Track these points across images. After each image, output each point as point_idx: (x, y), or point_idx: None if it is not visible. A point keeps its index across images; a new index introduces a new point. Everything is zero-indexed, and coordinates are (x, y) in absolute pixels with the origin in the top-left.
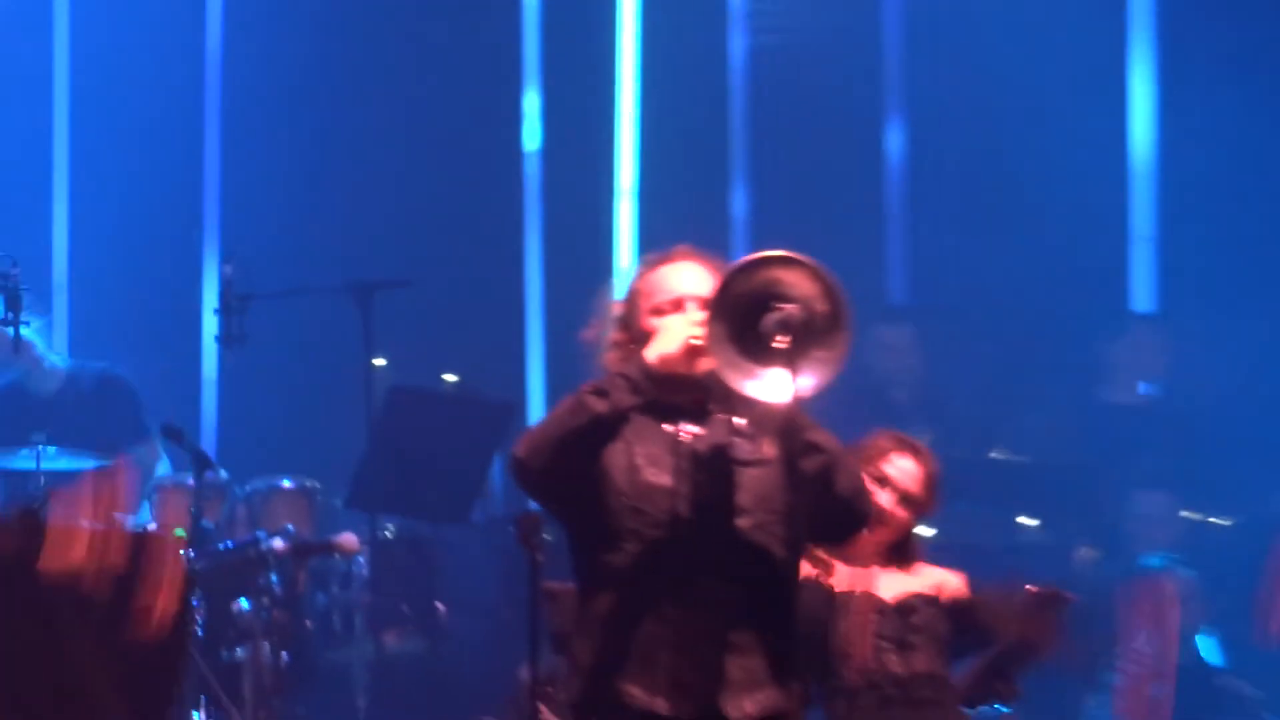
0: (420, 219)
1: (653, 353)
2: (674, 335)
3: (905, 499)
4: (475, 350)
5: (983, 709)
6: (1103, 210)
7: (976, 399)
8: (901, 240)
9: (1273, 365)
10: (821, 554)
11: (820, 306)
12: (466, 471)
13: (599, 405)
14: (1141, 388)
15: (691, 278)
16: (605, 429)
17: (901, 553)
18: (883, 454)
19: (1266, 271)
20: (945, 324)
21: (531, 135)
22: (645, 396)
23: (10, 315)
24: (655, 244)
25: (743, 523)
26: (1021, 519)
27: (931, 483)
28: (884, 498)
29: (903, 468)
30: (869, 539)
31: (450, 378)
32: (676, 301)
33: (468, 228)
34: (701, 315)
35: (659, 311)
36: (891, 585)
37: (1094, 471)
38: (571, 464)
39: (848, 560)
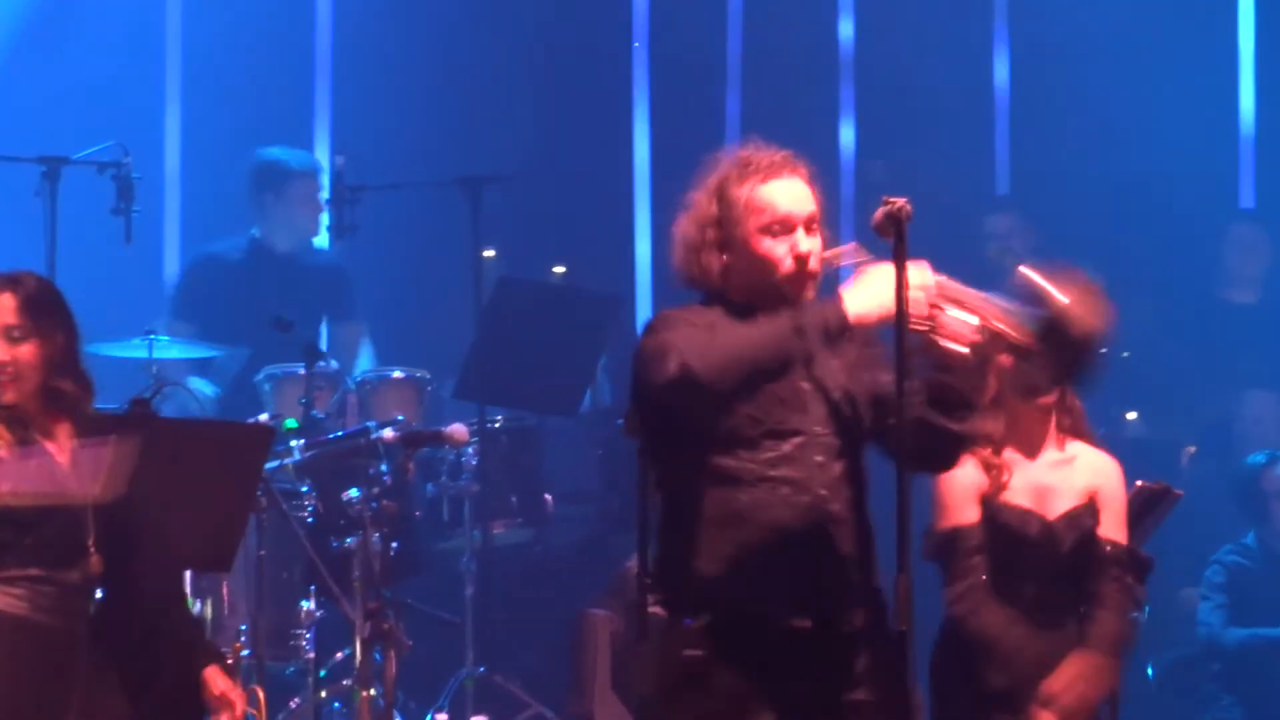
0: (530, 111)
1: (857, 305)
2: (880, 292)
3: None
4: (583, 242)
5: None
6: (1207, 112)
7: None
8: (1008, 140)
9: None
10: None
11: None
12: (575, 363)
13: (796, 347)
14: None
15: (800, 197)
16: (791, 366)
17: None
18: None
19: None
20: (1050, 218)
21: (639, 27)
22: (835, 345)
23: (123, 205)
24: (762, 134)
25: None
26: (1128, 415)
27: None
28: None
29: None
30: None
31: (559, 270)
32: (786, 222)
33: (577, 120)
34: (816, 243)
35: (768, 231)
36: (1054, 493)
37: (1200, 368)
38: (750, 390)
39: (1013, 442)
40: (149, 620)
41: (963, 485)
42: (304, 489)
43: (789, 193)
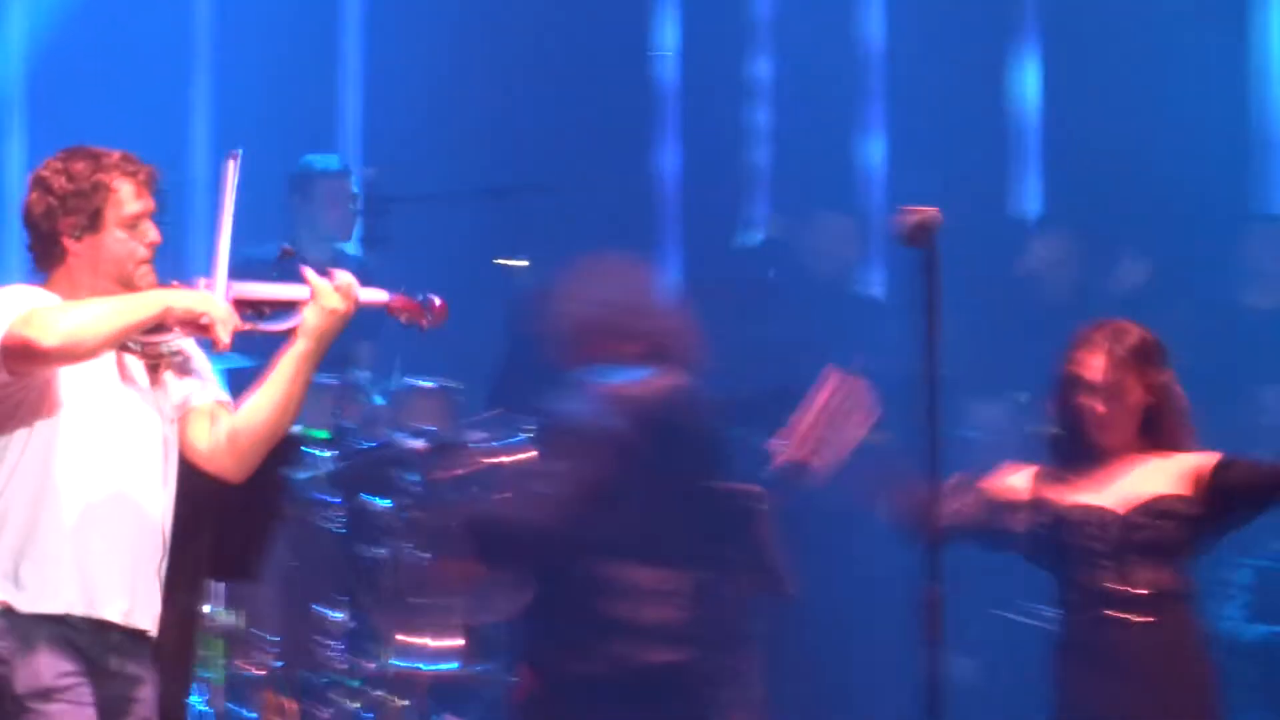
0: (559, 122)
1: None
2: None
3: (1100, 392)
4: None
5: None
6: (1224, 116)
7: (1125, 308)
8: (1036, 155)
9: None
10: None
11: None
12: None
13: None
14: None
15: None
16: None
17: (1155, 438)
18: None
19: None
20: (1081, 228)
21: (666, 38)
22: None
23: None
24: (789, 145)
25: None
26: None
27: (1119, 363)
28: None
29: (1090, 364)
30: (1108, 441)
31: None
32: None
33: (605, 131)
34: None
35: None
36: (1132, 486)
37: (1224, 376)
38: None
39: (1090, 468)
40: None
41: None
42: (335, 499)
43: None
